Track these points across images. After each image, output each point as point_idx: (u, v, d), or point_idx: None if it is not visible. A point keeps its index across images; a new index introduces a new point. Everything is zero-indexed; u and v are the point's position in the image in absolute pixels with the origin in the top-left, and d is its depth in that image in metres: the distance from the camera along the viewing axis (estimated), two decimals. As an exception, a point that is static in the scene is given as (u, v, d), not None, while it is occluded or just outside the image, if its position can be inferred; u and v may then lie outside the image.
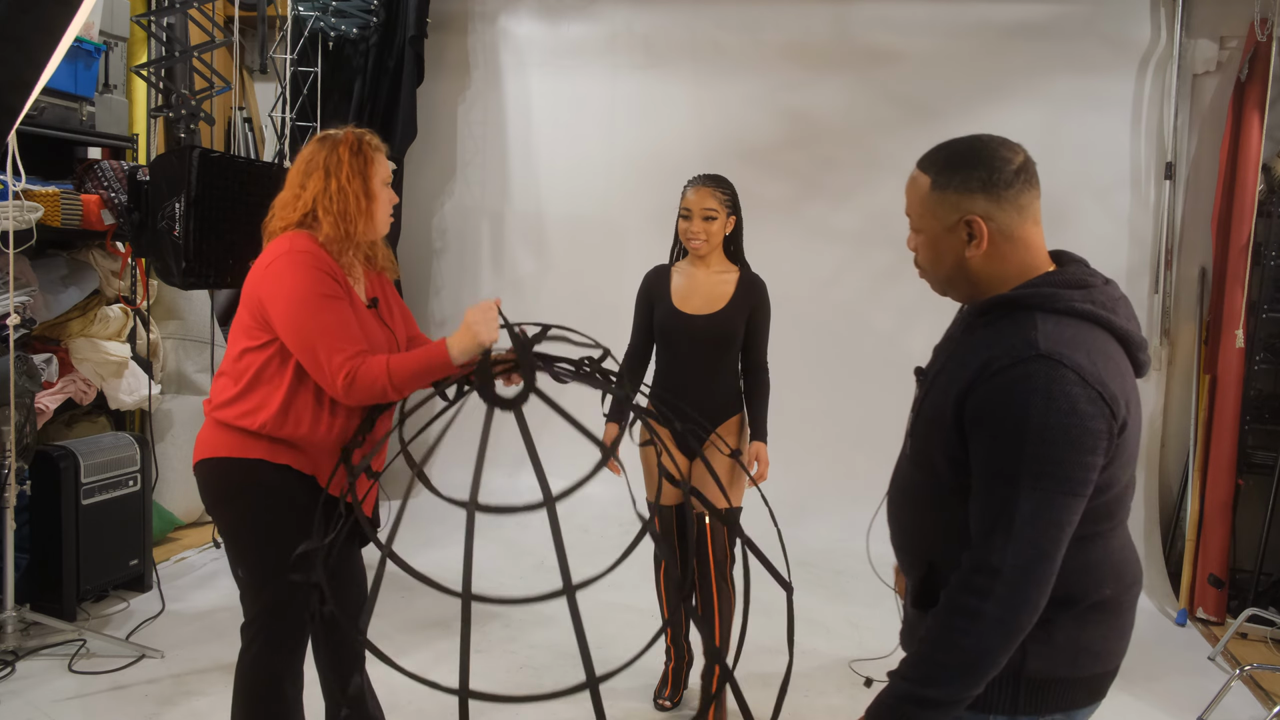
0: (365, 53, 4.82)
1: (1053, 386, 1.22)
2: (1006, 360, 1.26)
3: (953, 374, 1.35)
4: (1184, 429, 4.31)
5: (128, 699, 2.81)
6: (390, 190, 2.18)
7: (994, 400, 1.25)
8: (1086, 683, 1.36)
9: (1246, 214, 3.89)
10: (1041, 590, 1.24)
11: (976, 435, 1.28)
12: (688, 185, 2.74)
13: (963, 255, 1.36)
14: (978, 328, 1.38)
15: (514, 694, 1.29)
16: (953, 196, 1.35)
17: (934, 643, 1.27)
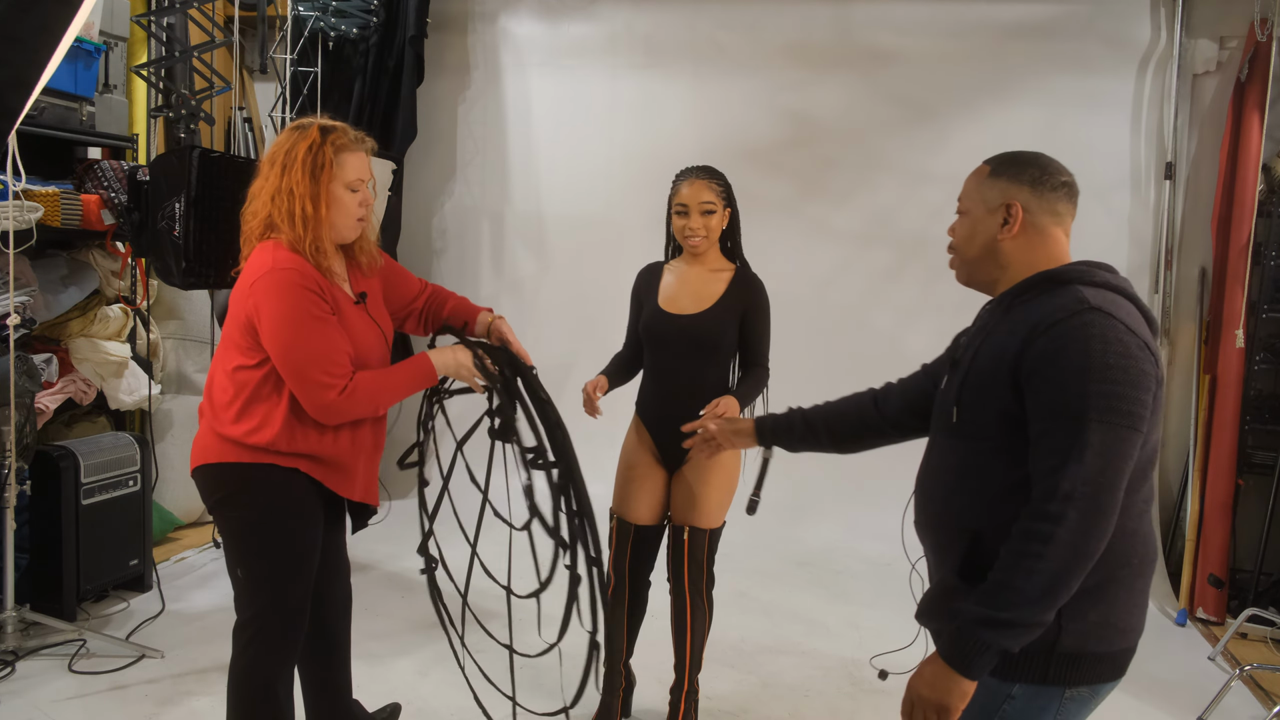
0: (365, 53, 4.82)
1: (1109, 332, 1.33)
2: (1062, 314, 1.36)
3: (1000, 343, 1.44)
4: (1184, 429, 4.31)
5: (128, 699, 2.81)
6: (362, 193, 2.06)
7: (1055, 346, 1.34)
8: (1113, 658, 1.42)
9: (1246, 214, 3.89)
10: (1110, 518, 1.30)
11: (1038, 384, 1.35)
12: (679, 180, 2.57)
13: (995, 236, 1.52)
14: (1016, 306, 1.47)
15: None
16: (1003, 183, 1.53)
17: (1009, 569, 1.31)
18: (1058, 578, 1.29)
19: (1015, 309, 1.47)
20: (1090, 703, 1.44)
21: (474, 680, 2.35)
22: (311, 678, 2.32)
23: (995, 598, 1.31)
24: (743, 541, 4.25)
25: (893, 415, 1.82)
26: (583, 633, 2.05)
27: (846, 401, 1.90)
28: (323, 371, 1.92)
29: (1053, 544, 1.28)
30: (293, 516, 2.05)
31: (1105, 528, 1.30)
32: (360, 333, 2.07)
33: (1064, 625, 1.37)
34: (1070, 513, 1.28)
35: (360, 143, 2.06)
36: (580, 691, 1.92)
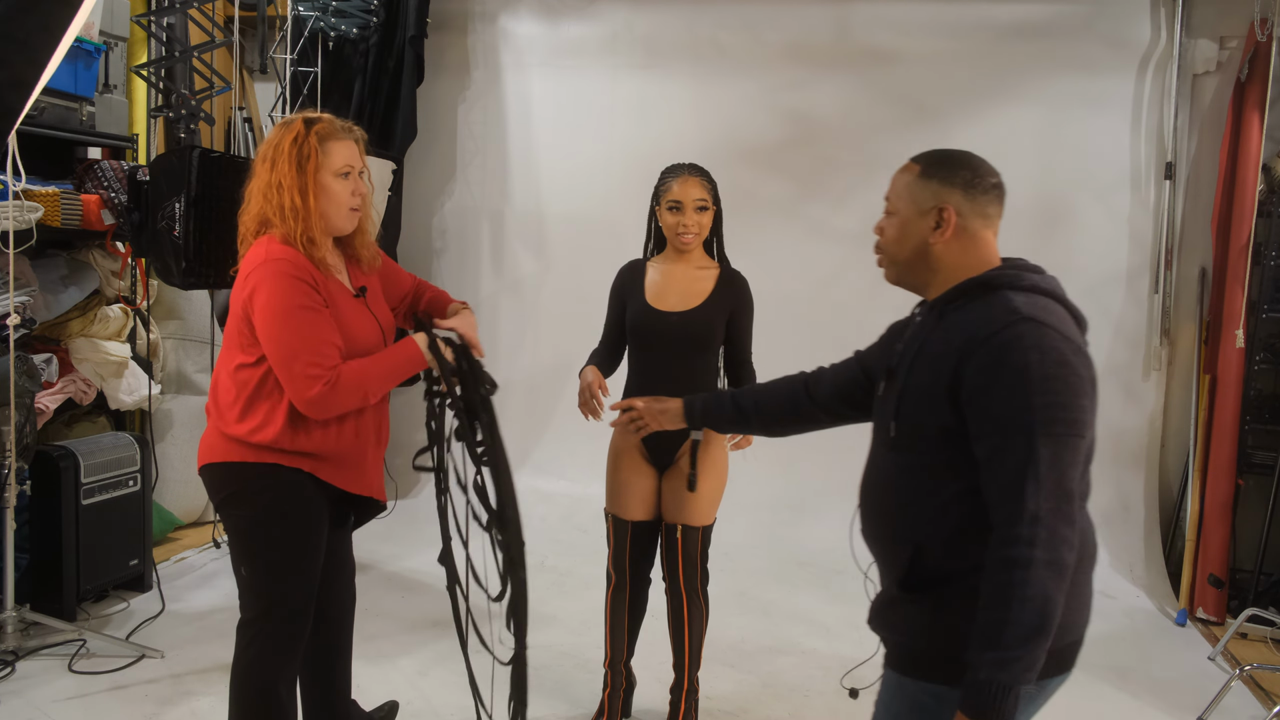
0: (365, 53, 4.82)
1: (1044, 342, 1.33)
2: (995, 326, 1.37)
3: (936, 357, 1.44)
4: (1184, 429, 4.31)
5: (128, 699, 2.81)
6: (354, 182, 2.05)
7: (992, 362, 1.35)
8: (1057, 653, 1.41)
9: (1246, 214, 3.89)
10: (1074, 524, 1.32)
11: (979, 402, 1.36)
12: (669, 176, 2.58)
13: (927, 240, 1.51)
14: (949, 313, 1.47)
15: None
16: (935, 185, 1.51)
17: (1001, 604, 1.30)
18: (1048, 599, 1.30)
19: (948, 316, 1.47)
20: (1036, 699, 1.47)
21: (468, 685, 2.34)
22: (312, 677, 2.32)
23: (999, 637, 1.30)
24: (743, 541, 4.25)
25: (824, 401, 1.83)
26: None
27: (778, 384, 1.89)
28: (308, 363, 1.90)
29: (1033, 568, 1.29)
30: (297, 516, 2.05)
31: (1073, 536, 1.32)
32: (359, 326, 2.07)
33: None
34: (1040, 532, 1.29)
35: (347, 131, 2.05)
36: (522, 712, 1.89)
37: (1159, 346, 4.35)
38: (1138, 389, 4.42)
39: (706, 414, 1.94)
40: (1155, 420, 4.39)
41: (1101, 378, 4.84)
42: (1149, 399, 4.40)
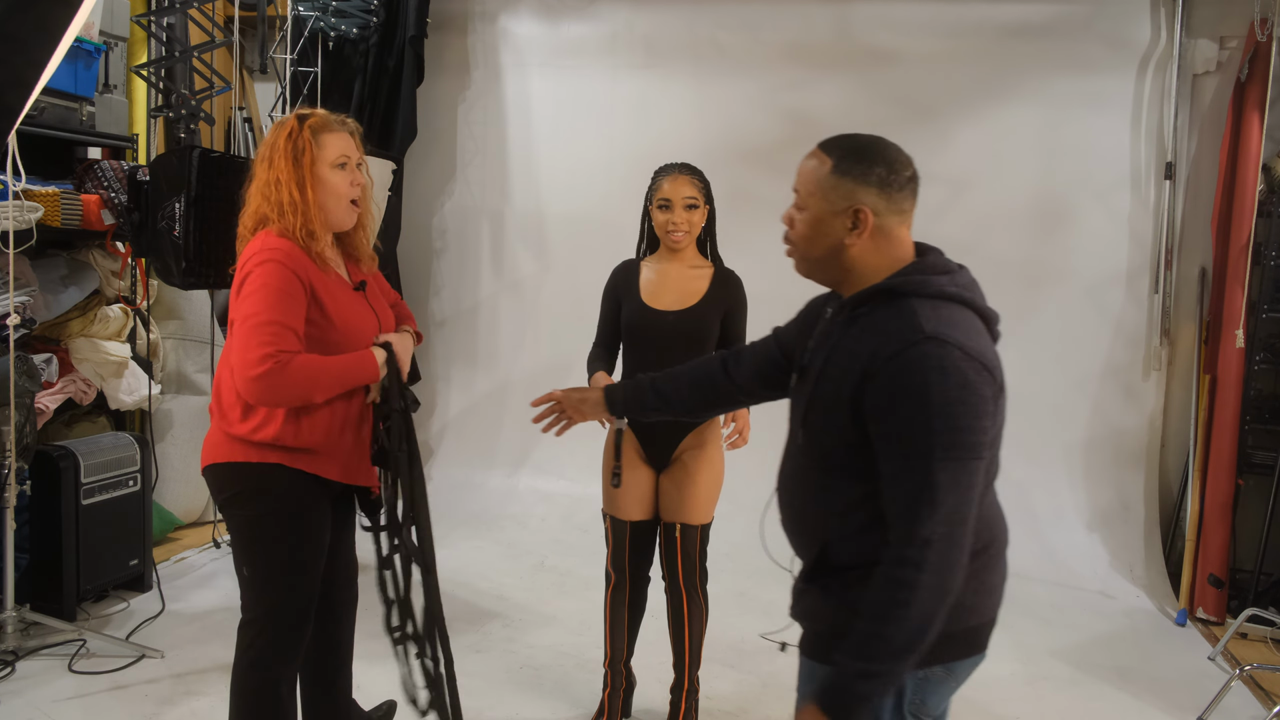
0: (365, 53, 4.82)
1: (945, 363, 1.32)
2: (898, 345, 1.35)
3: (843, 365, 1.42)
4: (1184, 429, 4.31)
5: (128, 699, 2.81)
6: (352, 173, 2.04)
7: (895, 384, 1.34)
8: (964, 635, 1.45)
9: (1246, 214, 3.89)
10: (964, 551, 1.34)
11: (883, 419, 1.36)
12: (660, 175, 2.60)
13: (842, 240, 1.44)
14: (858, 318, 1.45)
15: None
16: (849, 184, 1.43)
17: (879, 619, 1.33)
18: (926, 622, 1.32)
19: (857, 321, 1.44)
20: (947, 681, 1.48)
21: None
22: (312, 676, 2.32)
23: (868, 649, 1.33)
24: (743, 541, 4.25)
25: (742, 381, 1.81)
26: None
27: (697, 366, 1.88)
28: (263, 341, 1.85)
29: (918, 591, 1.30)
30: (299, 517, 2.05)
31: (962, 558, 1.34)
32: (358, 318, 2.08)
33: None
34: (930, 556, 1.31)
35: (340, 124, 2.05)
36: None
37: (1159, 346, 4.35)
38: (1138, 389, 4.42)
39: (628, 402, 1.91)
40: (1155, 420, 4.39)
41: (1101, 378, 4.84)
42: (1149, 399, 4.40)
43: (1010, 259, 4.52)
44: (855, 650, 1.34)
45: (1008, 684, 3.20)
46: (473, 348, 5.14)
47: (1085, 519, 4.42)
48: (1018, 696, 3.11)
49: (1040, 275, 4.50)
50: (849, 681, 1.34)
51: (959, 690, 2.63)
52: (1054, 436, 4.50)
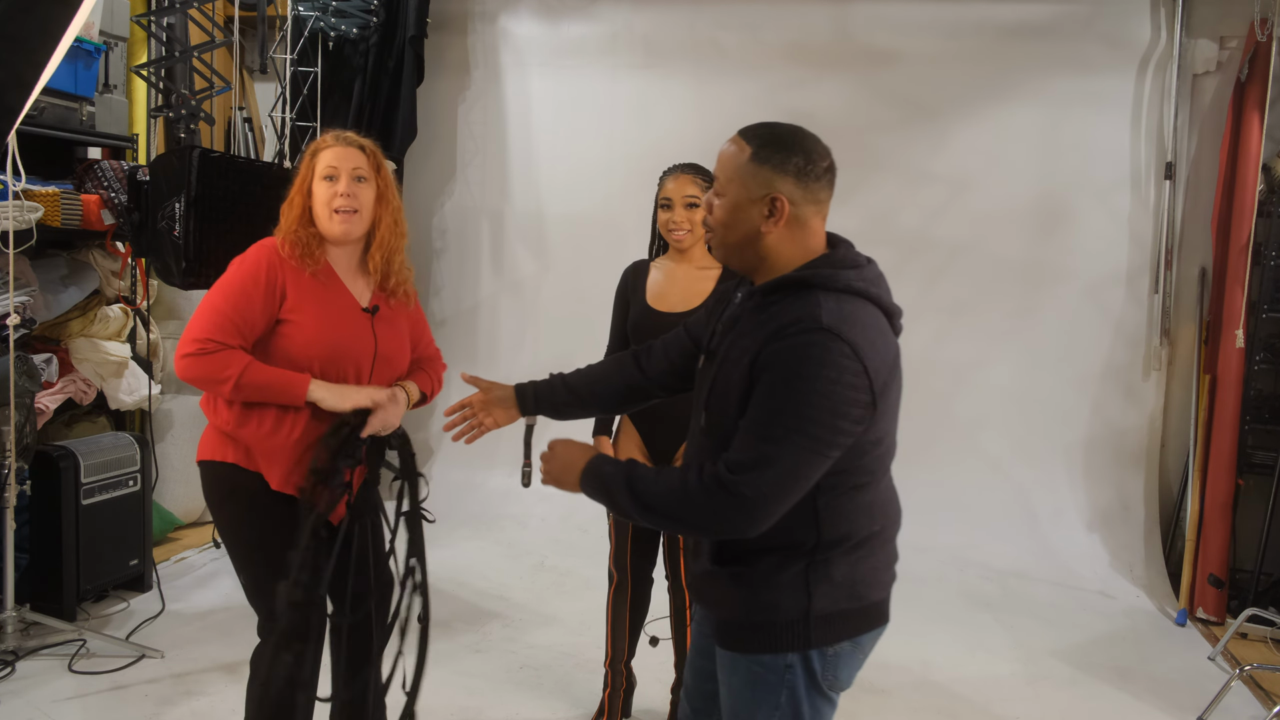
0: (365, 53, 4.82)
1: (826, 356, 1.36)
2: (794, 330, 1.40)
3: (745, 347, 1.46)
4: (1184, 429, 4.31)
5: (128, 699, 2.81)
6: (341, 184, 2.07)
7: (777, 358, 1.39)
8: (867, 611, 1.53)
9: (1246, 214, 3.89)
10: (760, 525, 1.40)
11: (757, 393, 1.41)
12: (665, 175, 2.60)
13: (758, 228, 1.47)
14: (767, 306, 1.48)
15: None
16: (767, 172, 1.45)
17: (661, 483, 1.45)
18: (672, 522, 1.46)
19: (765, 309, 1.48)
20: (855, 654, 1.55)
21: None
22: (342, 680, 2.30)
23: (637, 481, 1.46)
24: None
25: (655, 375, 1.83)
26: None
27: (608, 364, 1.90)
28: (200, 326, 1.96)
29: (697, 512, 1.41)
30: (263, 523, 2.06)
31: (749, 531, 1.40)
32: (342, 335, 2.07)
33: (812, 592, 1.47)
34: (732, 509, 1.38)
35: (339, 139, 2.11)
36: None
37: (1159, 346, 4.35)
38: (1138, 389, 4.42)
39: (539, 400, 1.88)
40: (1155, 420, 4.39)
41: (1101, 377, 4.84)
42: (1149, 399, 4.40)
43: (1010, 259, 4.53)
44: (632, 473, 1.47)
45: (1008, 684, 3.20)
46: (473, 348, 5.13)
47: (1085, 519, 4.42)
48: (1018, 696, 3.11)
49: (1040, 275, 4.50)
50: (613, 474, 1.49)
51: (959, 690, 2.65)
52: (1054, 436, 4.50)
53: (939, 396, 4.60)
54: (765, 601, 1.49)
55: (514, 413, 1.88)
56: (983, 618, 3.79)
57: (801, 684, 1.51)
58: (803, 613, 1.48)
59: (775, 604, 1.48)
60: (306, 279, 2.05)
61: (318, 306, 2.05)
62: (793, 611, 1.48)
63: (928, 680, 3.19)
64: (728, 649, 1.56)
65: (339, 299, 2.09)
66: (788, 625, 1.48)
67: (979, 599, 3.99)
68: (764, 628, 1.50)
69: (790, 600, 1.48)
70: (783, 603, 1.48)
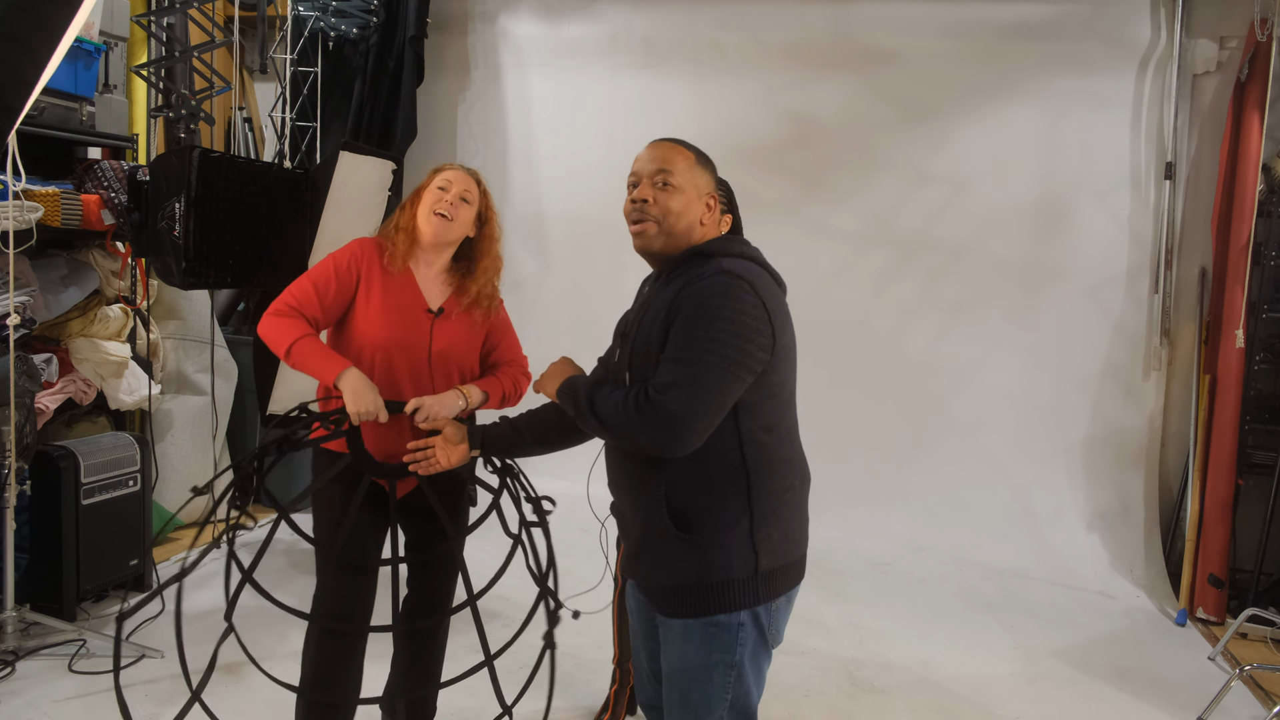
0: (365, 53, 4.82)
1: (729, 289, 1.59)
2: (698, 278, 1.63)
3: (656, 308, 1.67)
4: (1184, 429, 4.31)
5: (128, 699, 2.81)
6: (448, 194, 2.27)
7: (687, 300, 1.60)
8: (795, 565, 1.72)
9: (1246, 214, 3.89)
10: (686, 440, 1.56)
11: (673, 329, 1.60)
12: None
13: (699, 220, 1.76)
14: (674, 277, 1.70)
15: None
16: (706, 174, 1.80)
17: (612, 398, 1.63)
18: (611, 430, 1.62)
19: (673, 282, 1.69)
20: (786, 609, 1.72)
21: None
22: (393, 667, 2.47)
23: (595, 391, 1.67)
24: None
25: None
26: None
27: (550, 407, 1.99)
28: (292, 295, 2.21)
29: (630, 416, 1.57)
30: (326, 494, 2.25)
31: (670, 444, 1.55)
32: (397, 329, 2.22)
33: (758, 549, 1.63)
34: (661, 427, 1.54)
35: (462, 166, 2.35)
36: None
37: (1159, 346, 4.35)
38: (1138, 389, 4.42)
39: (487, 439, 2.03)
40: (1155, 420, 4.39)
41: (1101, 377, 4.83)
42: (1149, 399, 4.40)
43: (1010, 259, 4.53)
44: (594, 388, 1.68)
45: (1008, 684, 3.20)
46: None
47: (1085, 519, 4.42)
48: (1018, 696, 3.11)
49: (1040, 275, 4.50)
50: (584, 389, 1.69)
51: (959, 690, 2.65)
52: (1054, 436, 4.50)
53: (939, 396, 4.60)
54: (719, 563, 1.61)
55: (465, 449, 2.05)
56: (983, 618, 3.79)
57: (753, 640, 1.65)
58: (751, 570, 1.62)
59: (728, 564, 1.61)
60: (383, 274, 2.24)
61: (384, 299, 2.22)
62: (744, 570, 1.61)
63: (928, 680, 3.19)
64: (680, 615, 1.66)
65: (407, 297, 2.25)
66: (740, 584, 1.62)
67: (979, 599, 3.98)
68: (719, 588, 1.62)
69: (740, 560, 1.61)
70: (734, 563, 1.61)
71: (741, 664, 1.65)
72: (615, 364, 1.79)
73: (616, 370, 1.77)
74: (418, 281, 2.29)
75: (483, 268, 2.36)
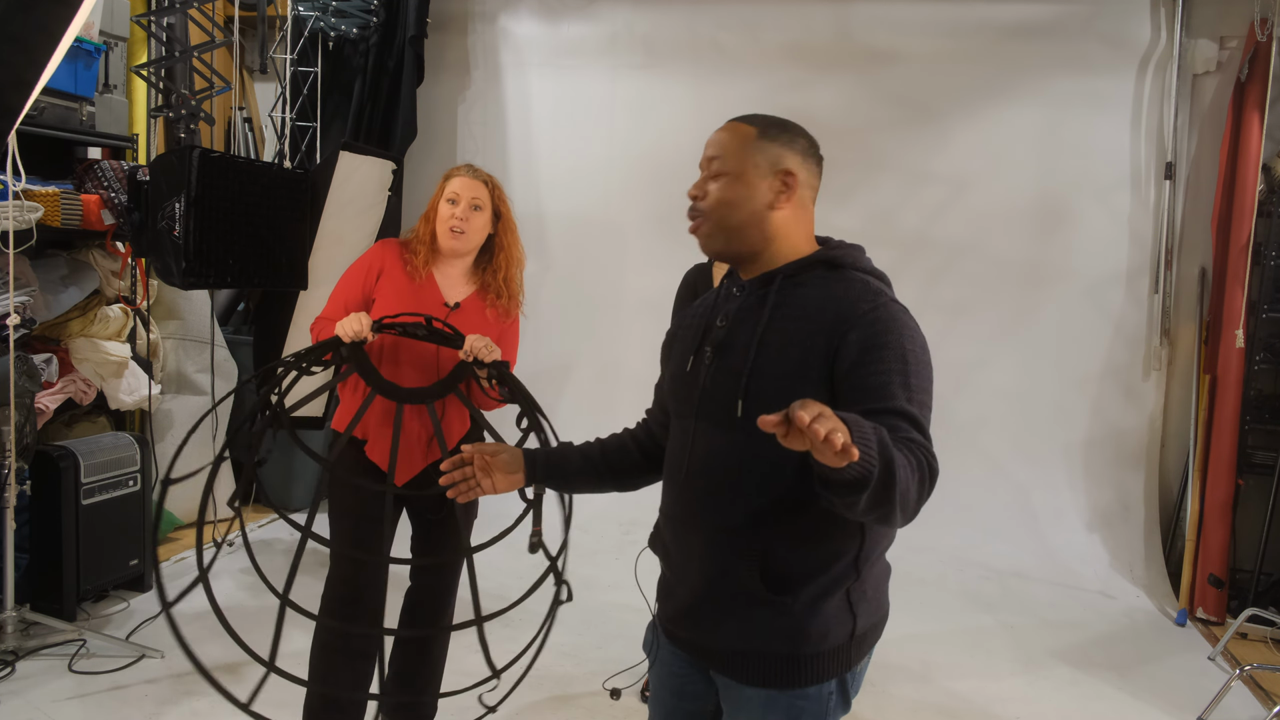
0: (365, 53, 4.82)
1: (909, 324, 1.35)
2: (869, 304, 1.34)
3: (794, 332, 1.34)
4: (1184, 429, 4.31)
5: (128, 699, 2.81)
6: (460, 208, 2.39)
7: (876, 331, 1.31)
8: (878, 626, 1.48)
9: (1246, 214, 3.89)
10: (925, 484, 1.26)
11: (859, 374, 1.29)
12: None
13: (768, 204, 1.41)
14: (794, 287, 1.39)
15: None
16: (777, 148, 1.42)
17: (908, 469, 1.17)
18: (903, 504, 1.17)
19: (790, 292, 1.38)
20: (867, 663, 1.50)
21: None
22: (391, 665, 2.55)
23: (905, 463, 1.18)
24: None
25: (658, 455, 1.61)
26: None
27: (622, 435, 1.70)
28: (327, 308, 2.39)
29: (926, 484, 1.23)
30: (340, 486, 2.34)
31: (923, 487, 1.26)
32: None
33: (856, 613, 1.40)
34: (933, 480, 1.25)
35: (469, 170, 2.47)
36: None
37: (1159, 346, 4.35)
38: (1138, 389, 4.42)
39: (549, 465, 1.67)
40: (1155, 420, 4.39)
41: (1101, 377, 4.83)
42: (1149, 399, 4.40)
43: (1010, 259, 4.53)
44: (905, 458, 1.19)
45: (1008, 684, 3.20)
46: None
47: (1085, 519, 4.42)
48: (1018, 696, 3.11)
49: (1040, 275, 4.50)
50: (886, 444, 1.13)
51: (959, 690, 2.64)
52: (1054, 436, 4.50)
53: (939, 396, 4.55)
54: (816, 631, 1.37)
55: (517, 479, 1.66)
56: (983, 618, 3.79)
57: (837, 707, 1.44)
58: (848, 636, 1.40)
59: (825, 633, 1.37)
60: (402, 272, 2.35)
61: (399, 291, 2.32)
62: (840, 637, 1.38)
63: (928, 680, 3.19)
64: (764, 686, 1.40)
65: (424, 292, 2.35)
66: (834, 652, 1.39)
67: (979, 599, 3.98)
68: (813, 659, 1.38)
69: (839, 627, 1.38)
70: (832, 631, 1.37)
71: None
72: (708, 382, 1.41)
73: (712, 390, 1.40)
74: (438, 281, 2.40)
75: (500, 261, 2.47)
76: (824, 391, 1.32)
